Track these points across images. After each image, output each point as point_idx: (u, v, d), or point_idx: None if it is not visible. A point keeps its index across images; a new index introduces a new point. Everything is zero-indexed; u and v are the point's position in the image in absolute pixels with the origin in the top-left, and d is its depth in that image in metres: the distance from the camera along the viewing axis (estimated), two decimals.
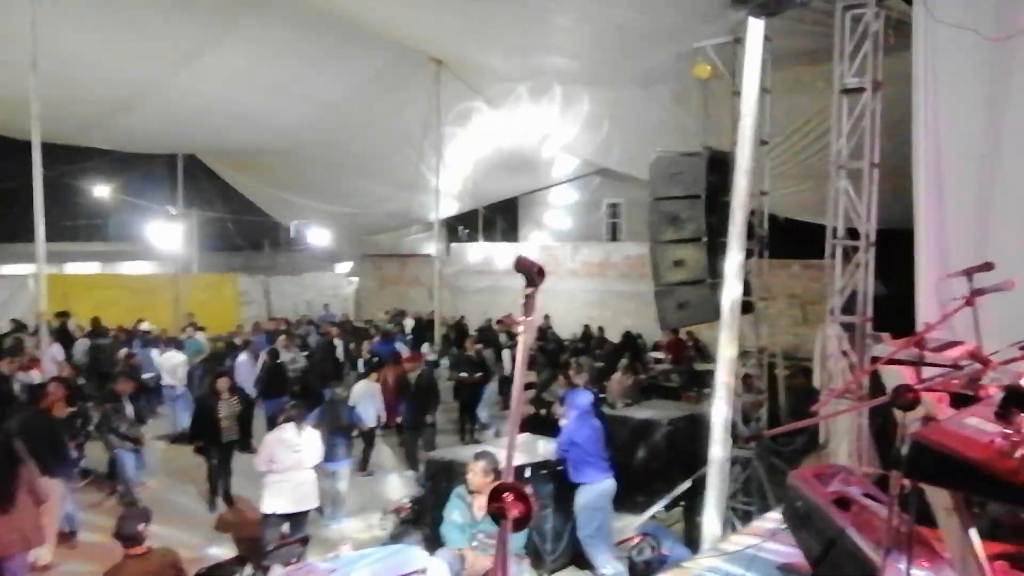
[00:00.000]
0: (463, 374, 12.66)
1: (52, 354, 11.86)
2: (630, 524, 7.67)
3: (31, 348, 12.17)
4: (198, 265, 23.26)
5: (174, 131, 16.18)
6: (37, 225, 11.37)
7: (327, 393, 9.72)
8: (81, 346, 14.20)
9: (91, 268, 26.98)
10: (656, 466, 8.50)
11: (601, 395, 11.59)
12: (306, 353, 13.62)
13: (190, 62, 12.53)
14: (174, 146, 18.71)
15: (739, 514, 7.35)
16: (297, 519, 7.08)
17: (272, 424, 10.93)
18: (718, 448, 5.55)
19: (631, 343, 15.13)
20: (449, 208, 19.54)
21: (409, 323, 17.98)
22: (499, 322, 17.34)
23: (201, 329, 16.27)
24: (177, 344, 13.97)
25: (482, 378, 12.60)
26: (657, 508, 7.85)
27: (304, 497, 7.09)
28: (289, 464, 6.98)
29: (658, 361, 14.51)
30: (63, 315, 16.36)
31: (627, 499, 8.40)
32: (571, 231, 21.27)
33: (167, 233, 20.02)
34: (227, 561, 5.67)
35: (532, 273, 1.72)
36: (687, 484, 7.44)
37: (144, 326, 16.69)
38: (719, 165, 7.37)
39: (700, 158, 7.34)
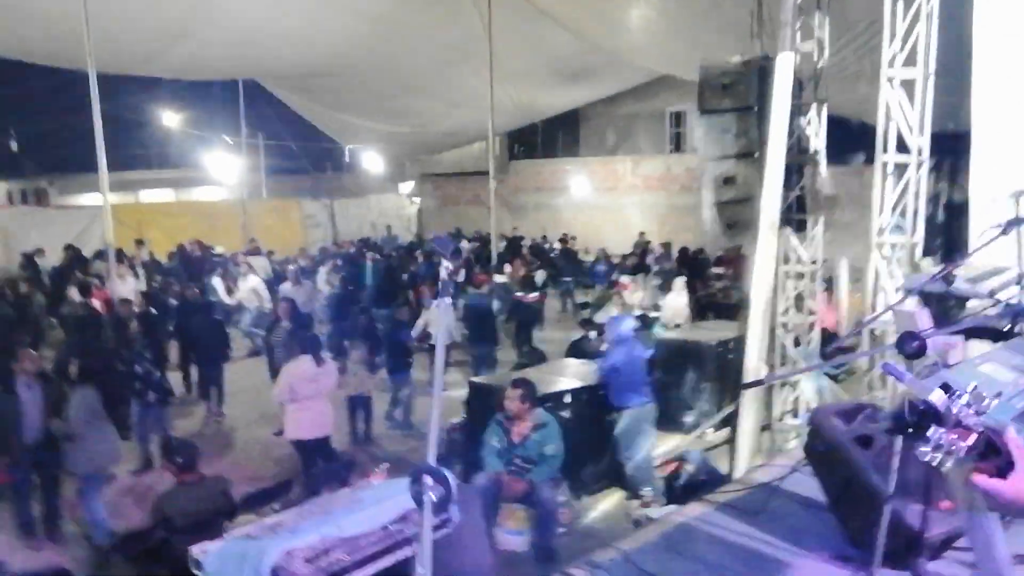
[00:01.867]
0: (518, 292, 12.61)
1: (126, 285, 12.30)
2: (675, 444, 7.64)
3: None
4: (266, 190, 23.72)
5: (228, 56, 16.20)
6: (99, 155, 11.70)
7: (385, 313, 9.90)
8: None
9: (165, 195, 27.86)
10: (705, 388, 8.40)
11: (655, 315, 11.44)
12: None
13: None
14: (232, 71, 18.78)
15: (789, 435, 7.22)
16: (319, 444, 7.27)
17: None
18: (751, 375, 5.39)
19: (689, 259, 14.77)
20: (506, 123, 19.17)
21: (465, 245, 17.89)
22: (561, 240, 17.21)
23: (269, 253, 16.71)
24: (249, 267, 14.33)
25: (538, 298, 12.55)
26: (702, 430, 7.79)
27: (323, 424, 7.28)
28: (307, 393, 7.10)
29: (718, 277, 14.15)
30: (140, 243, 17.02)
31: (675, 420, 8.42)
32: (634, 144, 20.66)
33: (233, 159, 20.41)
34: (273, 486, 5.90)
35: (447, 253, 1.62)
36: (732, 407, 7.31)
37: (218, 250, 17.20)
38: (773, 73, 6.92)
39: (751, 67, 6.89)
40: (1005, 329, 2.67)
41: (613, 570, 3.32)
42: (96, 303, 11.53)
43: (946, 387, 1.35)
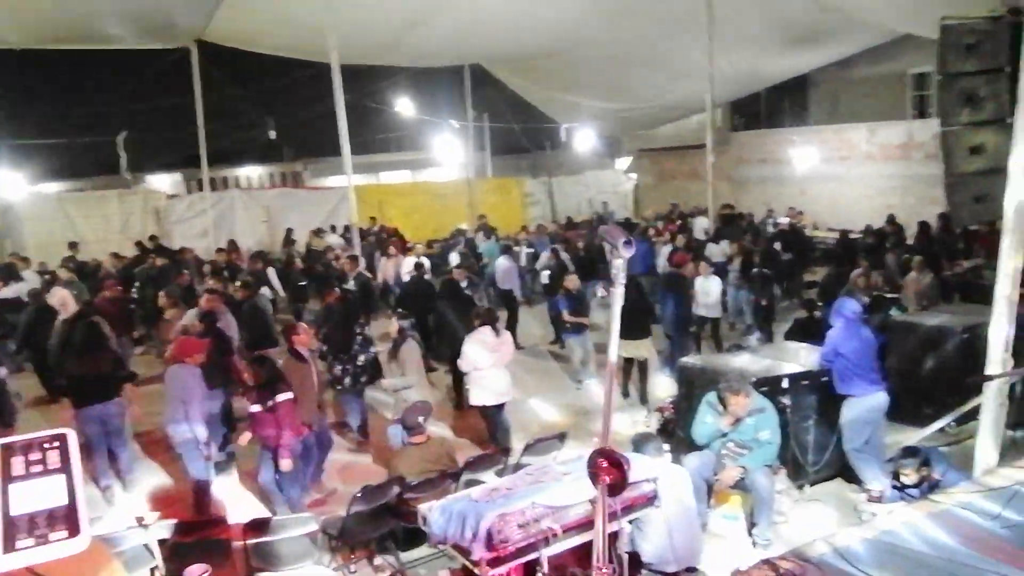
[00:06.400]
0: (754, 270, 12.17)
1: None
2: (910, 438, 7.09)
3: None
4: (490, 169, 24.78)
5: (456, 42, 17.09)
6: (342, 141, 12.94)
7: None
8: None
9: (402, 176, 29.98)
10: (947, 377, 7.68)
11: (895, 296, 10.63)
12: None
13: None
14: (459, 57, 19.77)
15: None
16: (499, 410, 7.64)
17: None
18: (995, 370, 4.87)
19: (932, 235, 13.43)
20: (727, 93, 18.47)
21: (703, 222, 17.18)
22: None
23: (492, 230, 17.51)
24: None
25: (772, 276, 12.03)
26: (943, 423, 7.15)
27: (504, 391, 7.61)
28: (489, 362, 7.45)
29: (967, 255, 12.78)
30: (373, 220, 18.53)
31: (912, 411, 7.79)
32: (870, 109, 19.00)
33: (459, 141, 21.52)
34: (493, 452, 6.27)
35: (618, 244, 1.67)
36: (976, 401, 6.64)
37: (462, 227, 18.24)
38: None
39: (1002, 23, 6.15)
40: None
41: (823, 565, 3.22)
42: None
43: None
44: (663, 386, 9.25)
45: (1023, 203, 4.83)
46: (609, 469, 1.62)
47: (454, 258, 14.49)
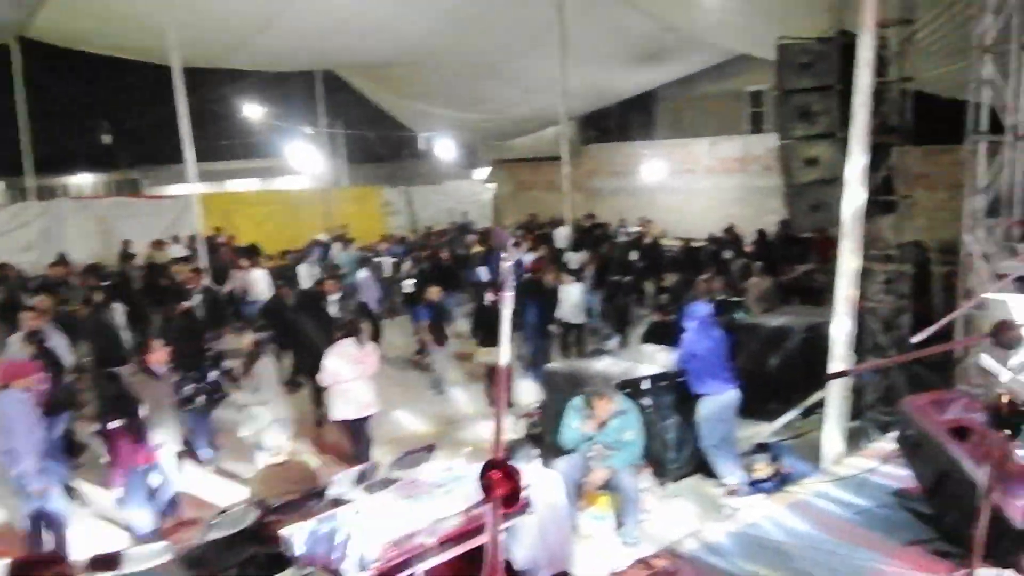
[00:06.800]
0: (614, 277, 12.49)
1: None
2: (760, 432, 7.50)
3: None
4: (346, 178, 24.21)
5: (307, 47, 16.61)
6: (185, 147, 12.22)
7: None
8: None
9: (251, 185, 28.71)
10: (791, 375, 8.20)
11: (739, 300, 11.24)
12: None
13: None
14: (310, 62, 19.23)
15: (879, 425, 7.02)
16: (363, 423, 7.45)
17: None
18: (839, 365, 5.23)
19: (769, 243, 14.38)
20: (579, 107, 19.00)
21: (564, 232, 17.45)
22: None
23: (349, 241, 17.09)
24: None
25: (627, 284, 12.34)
26: (789, 418, 7.62)
27: (368, 404, 7.41)
28: (352, 375, 7.26)
29: (802, 260, 13.76)
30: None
31: (759, 407, 8.22)
32: (711, 125, 20.17)
33: (313, 148, 20.85)
34: (360, 468, 6.05)
35: (505, 246, 1.62)
36: (819, 396, 7.13)
37: (321, 237, 17.63)
38: (855, 51, 6.69)
39: (833, 44, 6.67)
40: None
41: (695, 560, 3.31)
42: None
43: None
44: (528, 392, 9.32)
45: (859, 210, 5.21)
46: (502, 481, 1.53)
47: (304, 270, 14.00)
